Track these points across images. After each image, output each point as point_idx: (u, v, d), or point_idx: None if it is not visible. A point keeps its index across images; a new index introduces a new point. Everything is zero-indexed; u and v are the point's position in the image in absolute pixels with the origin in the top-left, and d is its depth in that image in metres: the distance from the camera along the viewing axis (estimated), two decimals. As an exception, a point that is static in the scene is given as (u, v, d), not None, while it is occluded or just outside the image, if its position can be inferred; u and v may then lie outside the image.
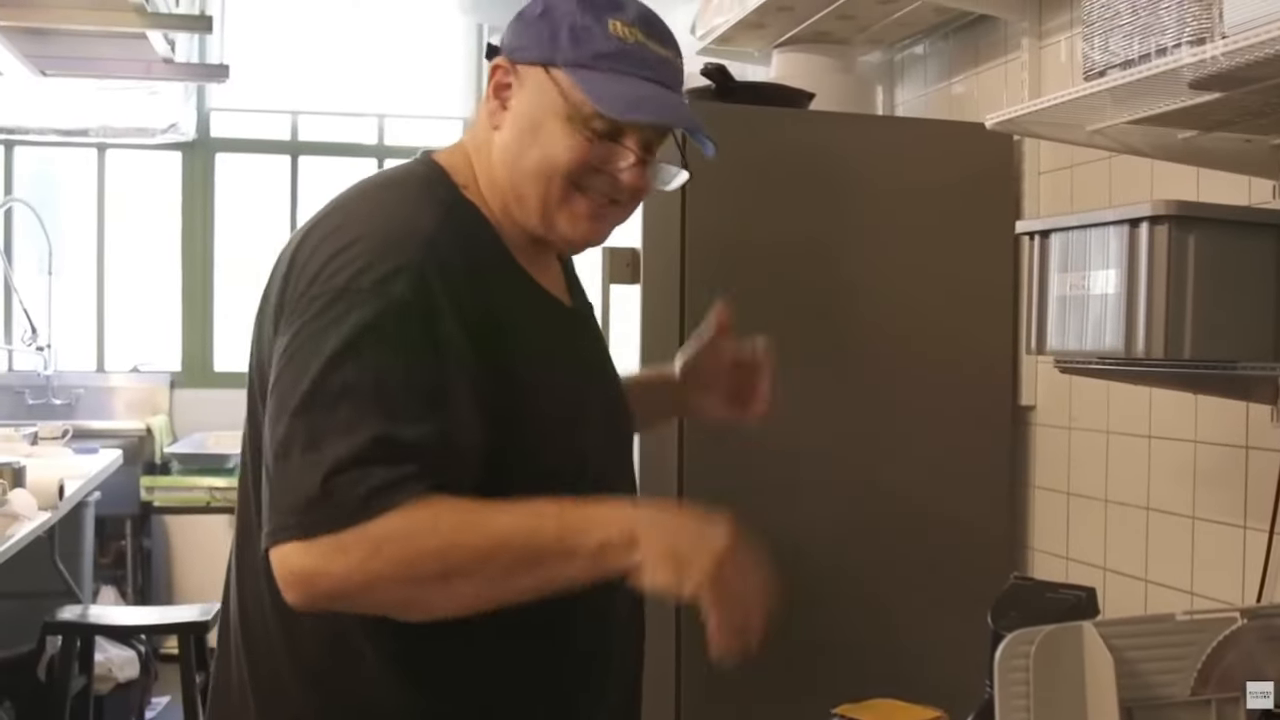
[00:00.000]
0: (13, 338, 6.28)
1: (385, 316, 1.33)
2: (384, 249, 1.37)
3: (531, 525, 1.29)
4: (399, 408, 1.31)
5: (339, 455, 1.27)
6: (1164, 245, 1.56)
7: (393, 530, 1.26)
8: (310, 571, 1.27)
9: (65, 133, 6.34)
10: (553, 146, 1.45)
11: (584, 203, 1.48)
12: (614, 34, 1.45)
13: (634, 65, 1.45)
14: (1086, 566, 2.43)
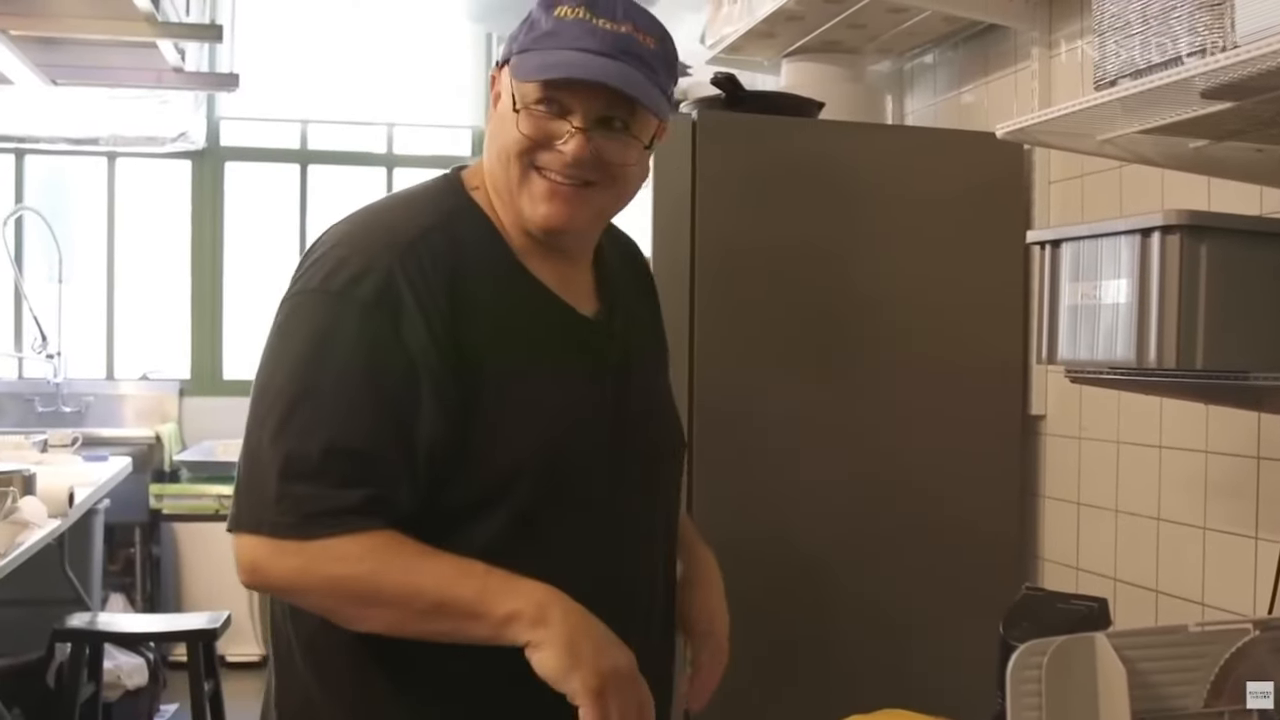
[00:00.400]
0: (23, 345, 6.30)
1: (348, 317, 1.42)
2: (359, 253, 1.46)
3: (452, 580, 1.39)
4: (356, 413, 1.40)
5: (293, 457, 1.39)
6: (1176, 255, 1.55)
7: (329, 551, 1.38)
8: (256, 564, 1.41)
9: (75, 141, 6.36)
10: (505, 133, 1.51)
11: (540, 183, 1.50)
12: (556, 16, 1.49)
13: (567, 40, 1.48)
14: (1097, 577, 2.42)
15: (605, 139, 1.50)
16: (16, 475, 3.47)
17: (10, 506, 3.22)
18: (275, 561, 1.40)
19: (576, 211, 1.52)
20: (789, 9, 2.75)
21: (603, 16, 1.48)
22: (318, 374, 1.41)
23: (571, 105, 1.48)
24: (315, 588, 1.41)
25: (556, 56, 1.47)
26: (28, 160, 6.47)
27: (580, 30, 1.47)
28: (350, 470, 1.39)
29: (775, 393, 2.40)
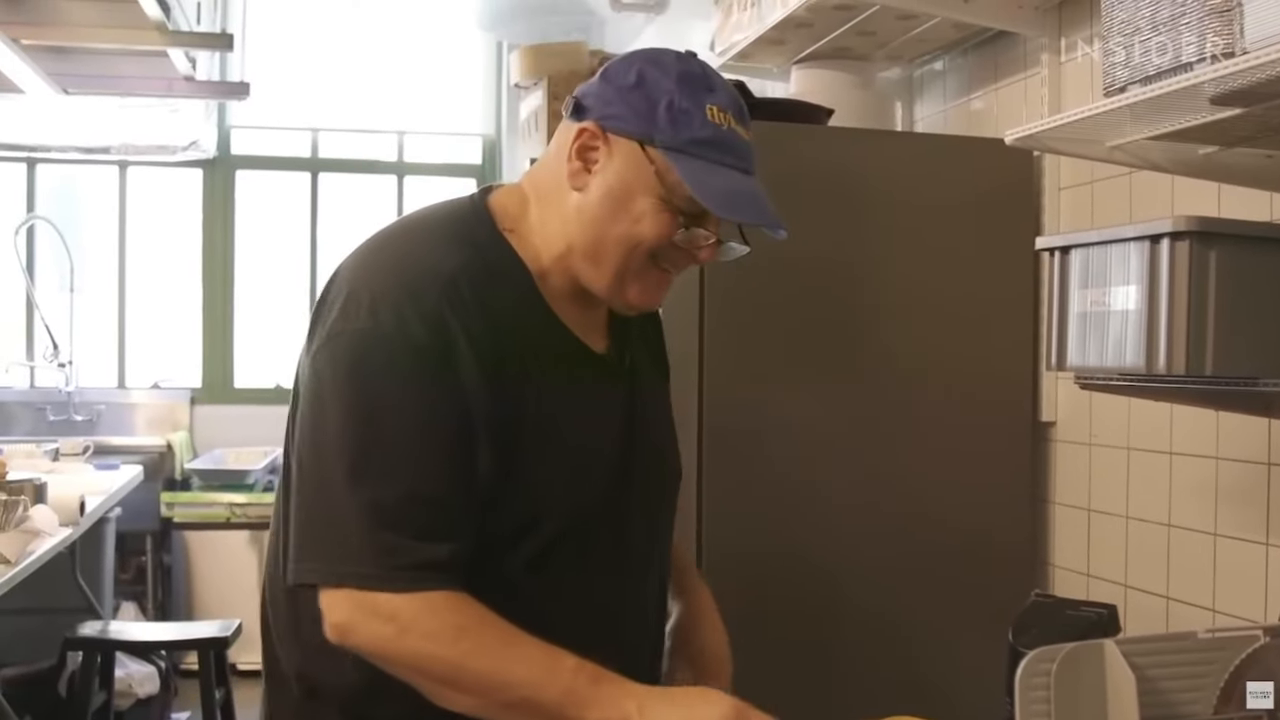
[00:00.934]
0: (34, 354, 6.31)
1: (404, 358, 1.40)
2: (402, 290, 1.43)
3: (540, 678, 1.37)
4: (429, 458, 1.39)
5: (375, 505, 1.37)
6: (1185, 261, 1.55)
7: (421, 624, 1.36)
8: (347, 627, 1.38)
9: (87, 150, 6.39)
10: (642, 222, 1.49)
11: (656, 275, 1.53)
12: (710, 120, 1.48)
13: (726, 154, 1.49)
14: (1107, 583, 2.41)
15: (725, 245, 1.57)
16: (28, 484, 3.48)
17: (21, 515, 3.24)
18: (366, 627, 1.38)
19: (665, 296, 1.58)
20: (798, 16, 2.75)
21: (742, 126, 1.52)
22: (383, 419, 1.39)
23: (711, 215, 1.51)
24: (404, 662, 1.39)
25: (731, 183, 1.49)
26: (39, 169, 6.50)
27: (734, 144, 1.50)
28: (431, 520, 1.38)
29: (785, 400, 2.40)
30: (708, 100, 1.48)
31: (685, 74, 1.49)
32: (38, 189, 6.49)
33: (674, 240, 1.50)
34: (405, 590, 1.36)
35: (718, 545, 2.33)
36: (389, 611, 1.36)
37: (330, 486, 1.39)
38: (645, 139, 1.48)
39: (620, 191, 1.49)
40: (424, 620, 1.36)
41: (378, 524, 1.36)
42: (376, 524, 1.36)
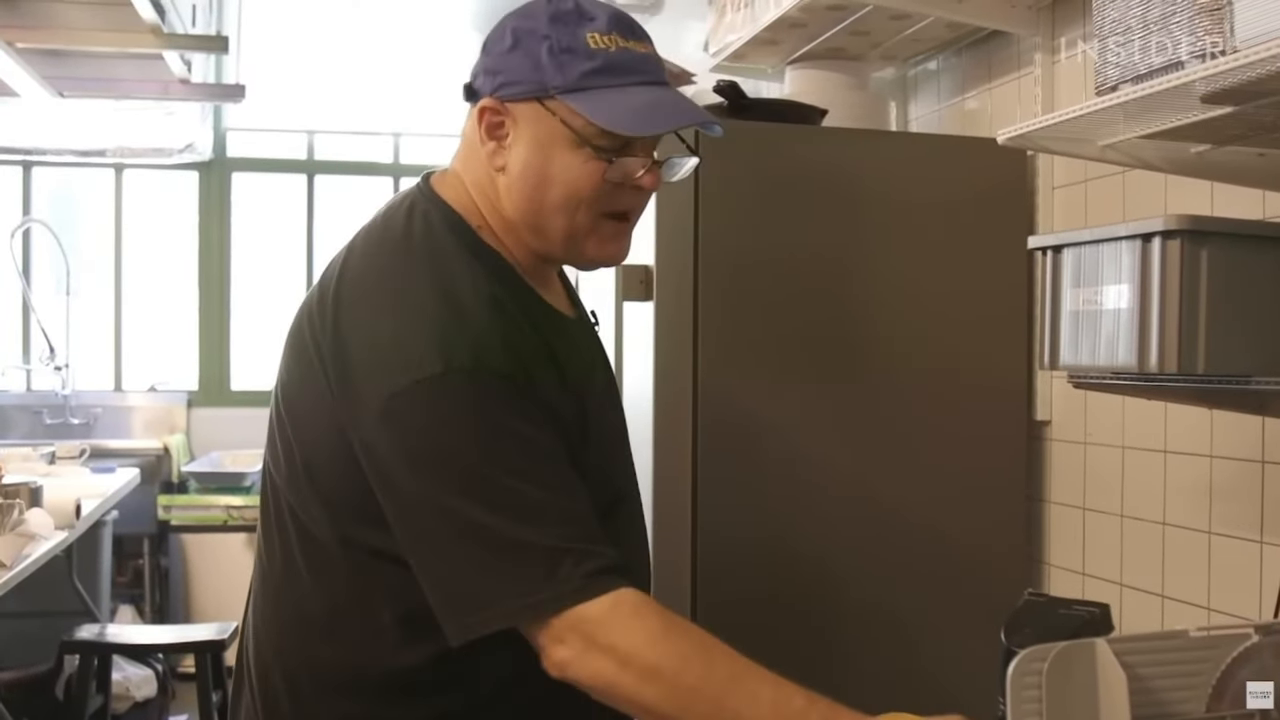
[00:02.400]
0: (31, 357, 6.31)
1: (496, 387, 1.35)
2: (461, 323, 1.38)
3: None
4: (556, 480, 1.35)
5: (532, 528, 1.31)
6: (1176, 260, 1.55)
7: (638, 658, 1.30)
8: (565, 660, 1.32)
9: (82, 153, 6.38)
10: (569, 176, 1.45)
11: (610, 225, 1.50)
12: (595, 47, 1.44)
13: (624, 74, 1.44)
14: (1102, 582, 2.42)
15: (669, 161, 1.54)
16: (23, 487, 3.48)
17: (17, 519, 3.23)
18: (585, 664, 1.31)
19: (628, 245, 1.55)
20: (792, 16, 2.75)
21: (633, 40, 1.46)
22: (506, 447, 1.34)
23: (637, 140, 1.47)
24: (629, 699, 1.33)
25: (639, 98, 1.43)
26: (35, 172, 6.49)
27: (629, 61, 1.45)
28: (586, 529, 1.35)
29: (779, 399, 2.40)
30: (586, 30, 1.44)
31: (556, 14, 1.46)
32: (34, 192, 6.49)
33: (608, 180, 1.45)
34: (599, 594, 1.30)
35: (712, 543, 2.33)
36: (605, 647, 1.30)
37: (474, 529, 1.32)
38: (540, 93, 1.45)
39: (538, 156, 1.46)
40: (642, 654, 1.30)
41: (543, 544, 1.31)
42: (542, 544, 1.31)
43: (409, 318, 1.39)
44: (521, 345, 1.40)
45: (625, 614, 1.31)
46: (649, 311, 2.33)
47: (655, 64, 1.48)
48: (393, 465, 1.35)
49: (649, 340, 2.32)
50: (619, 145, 1.45)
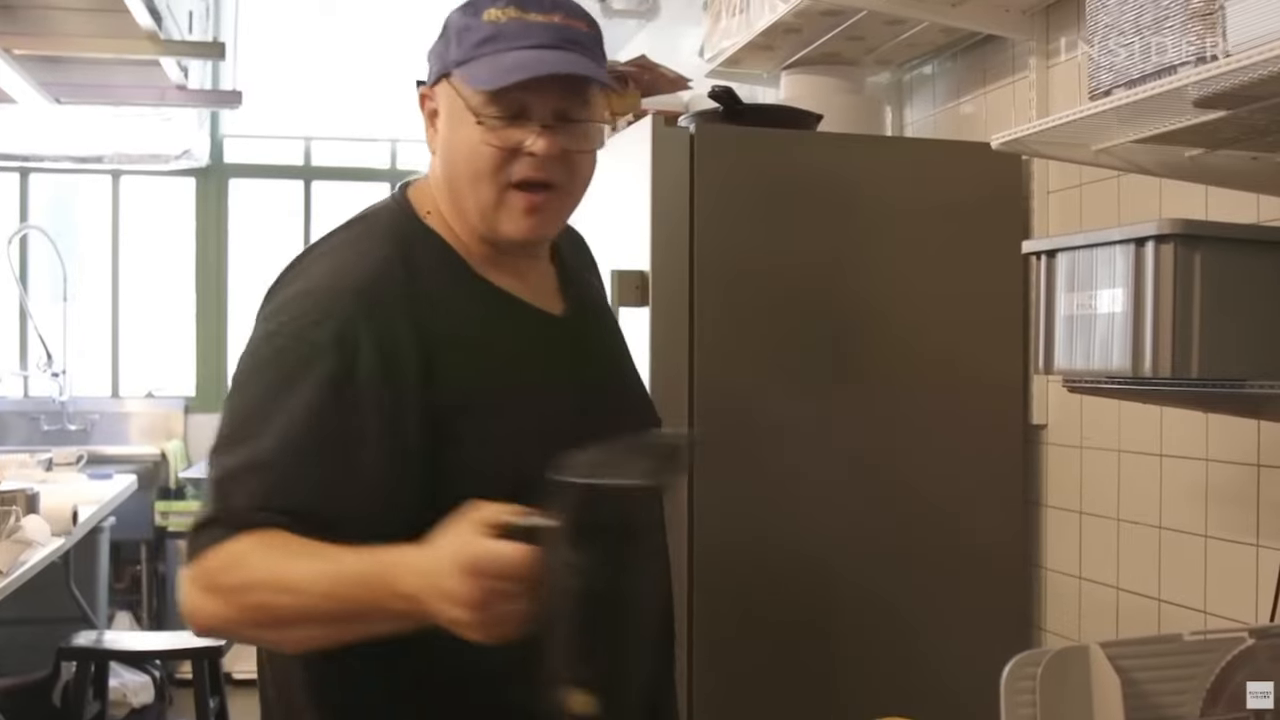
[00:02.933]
0: (28, 364, 6.31)
1: (302, 357, 1.41)
2: (318, 298, 1.45)
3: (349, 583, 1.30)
4: (297, 453, 1.37)
5: (219, 491, 1.40)
6: (1169, 264, 1.56)
7: (225, 568, 1.33)
8: (191, 614, 1.38)
9: (80, 160, 6.39)
10: (467, 148, 1.49)
11: (519, 198, 1.50)
12: (488, 20, 1.47)
13: (510, 40, 1.47)
14: (1099, 585, 2.42)
15: (568, 129, 1.49)
16: (20, 494, 3.48)
17: (13, 525, 3.23)
18: (201, 606, 1.36)
19: (551, 219, 1.53)
20: (787, 22, 2.76)
21: (534, 11, 1.48)
22: (266, 419, 1.40)
23: (530, 106, 1.47)
24: (239, 626, 1.37)
25: (508, 60, 1.45)
26: (32, 179, 6.49)
27: (519, 28, 1.47)
28: (267, 493, 1.37)
29: (776, 405, 2.40)
30: (487, 7, 1.48)
31: (469, 4, 1.51)
32: (31, 198, 6.49)
33: (494, 147, 1.47)
34: (208, 547, 1.34)
35: (709, 547, 2.33)
36: (211, 587, 1.34)
37: (216, 465, 1.43)
38: (445, 71, 1.51)
39: (447, 132, 1.52)
40: (225, 563, 1.33)
41: (218, 497, 1.38)
42: (216, 498, 1.39)
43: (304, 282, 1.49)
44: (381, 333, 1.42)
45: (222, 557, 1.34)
46: (645, 317, 2.33)
47: (553, 30, 1.48)
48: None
49: (645, 346, 2.32)
50: (510, 113, 1.47)
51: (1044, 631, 2.57)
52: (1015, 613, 2.56)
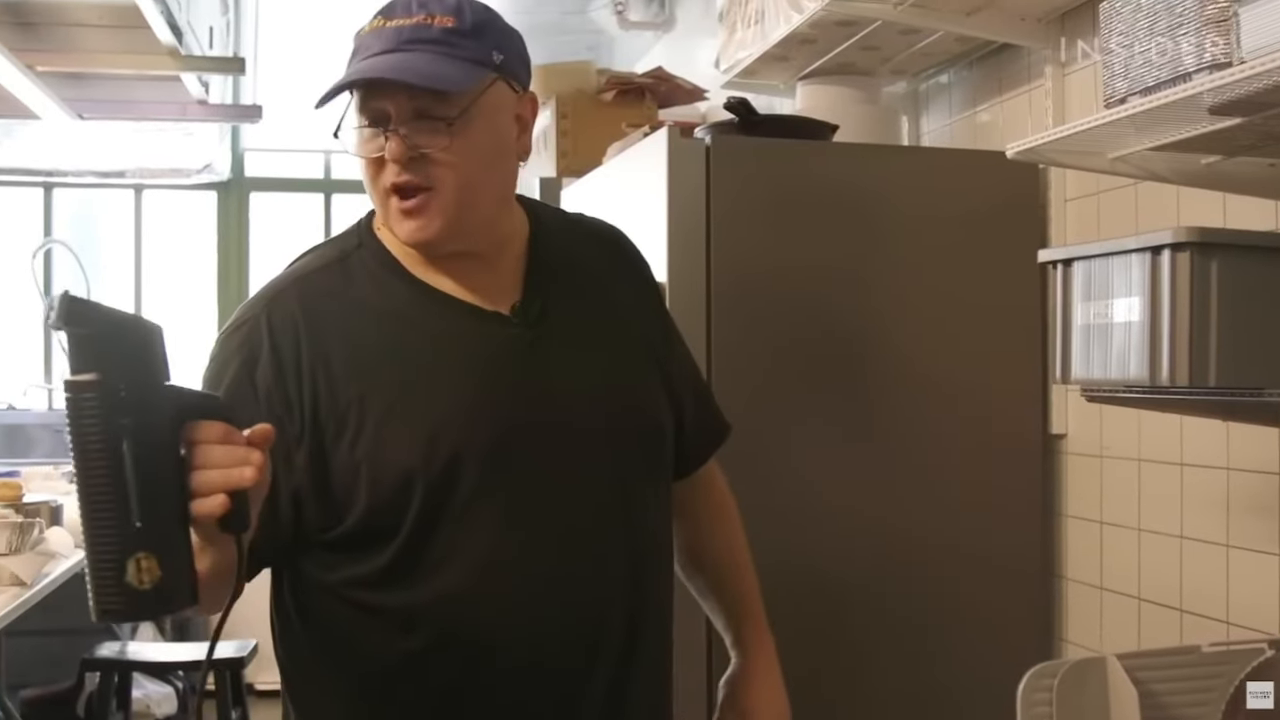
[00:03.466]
0: (52, 377, 6.35)
1: (217, 363, 1.51)
2: (242, 309, 1.56)
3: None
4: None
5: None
6: (1186, 272, 1.55)
7: None
8: None
9: (102, 174, 6.43)
10: (357, 163, 1.55)
11: (393, 206, 1.53)
12: (359, 34, 1.54)
13: (360, 53, 1.52)
14: (1120, 596, 2.40)
15: (418, 129, 1.49)
16: (44, 506, 3.51)
17: (37, 537, 3.25)
18: None
19: (431, 220, 1.52)
20: (802, 33, 2.75)
21: (396, 17, 1.51)
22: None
23: (386, 112, 1.49)
24: None
25: (343, 75, 1.50)
26: (56, 194, 6.54)
27: (371, 39, 1.51)
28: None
29: (792, 416, 2.39)
30: (370, 23, 1.54)
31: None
32: (55, 213, 6.54)
33: (361, 157, 1.52)
34: None
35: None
36: None
37: None
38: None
39: None
40: None
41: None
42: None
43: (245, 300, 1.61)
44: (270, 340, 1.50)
45: None
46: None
47: (396, 34, 1.50)
48: None
49: (662, 356, 2.31)
50: (372, 122, 1.51)
51: (1065, 642, 2.56)
52: (1036, 623, 2.54)
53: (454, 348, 1.54)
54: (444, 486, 1.47)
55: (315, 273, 1.57)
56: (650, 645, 1.64)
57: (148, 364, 1.24)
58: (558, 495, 1.55)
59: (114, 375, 1.18)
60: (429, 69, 1.47)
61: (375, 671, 1.52)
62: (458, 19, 1.51)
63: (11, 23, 5.38)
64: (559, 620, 1.53)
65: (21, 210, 6.48)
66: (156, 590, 1.16)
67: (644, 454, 1.66)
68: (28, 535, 3.24)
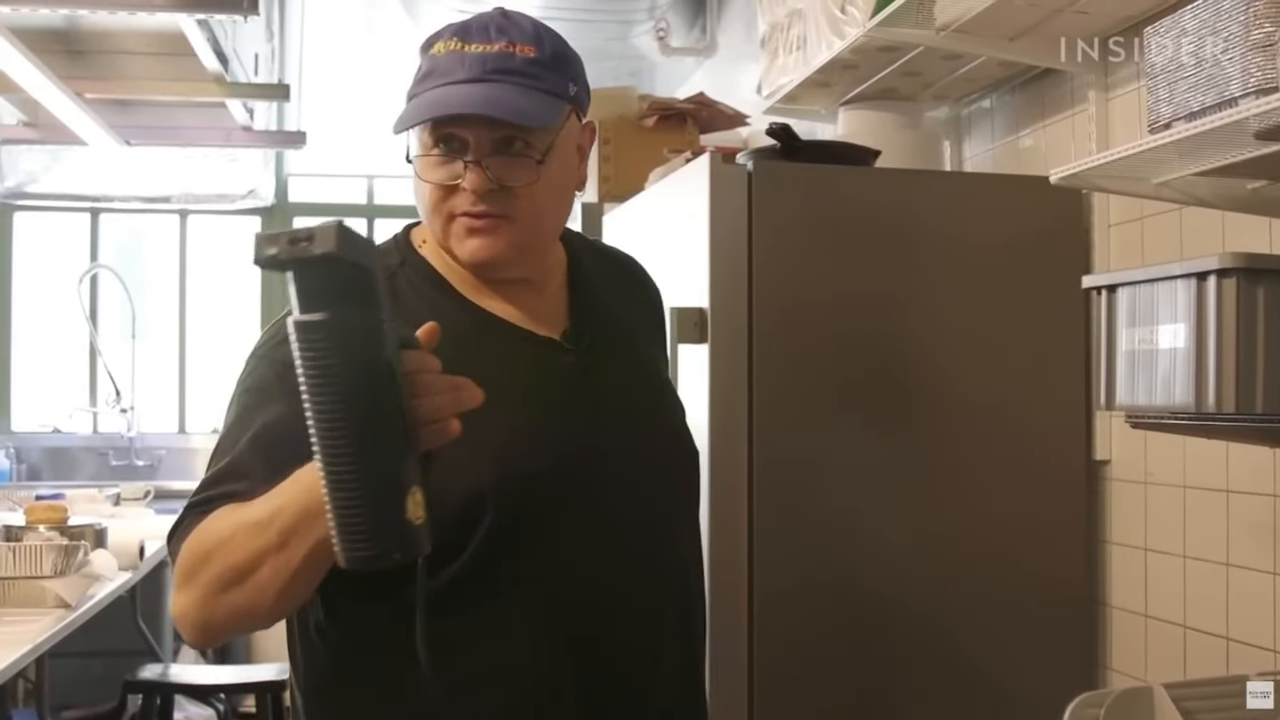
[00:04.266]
0: (97, 400, 6.41)
1: (268, 377, 1.47)
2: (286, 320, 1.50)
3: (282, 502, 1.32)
4: (257, 458, 1.42)
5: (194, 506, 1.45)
6: (1233, 298, 1.54)
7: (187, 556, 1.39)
8: (179, 618, 1.43)
9: (148, 200, 6.51)
10: (417, 185, 1.54)
11: (459, 224, 1.53)
12: (432, 54, 1.51)
13: (439, 77, 1.49)
14: (1165, 624, 2.38)
15: (505, 163, 1.50)
16: (89, 529, 3.54)
17: (82, 560, 3.28)
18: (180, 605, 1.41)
19: (496, 241, 1.53)
20: (844, 59, 2.76)
21: (475, 42, 1.49)
22: (229, 441, 1.47)
23: (465, 140, 1.49)
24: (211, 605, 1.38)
25: (428, 98, 1.48)
26: (103, 219, 6.62)
27: (451, 63, 1.49)
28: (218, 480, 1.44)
29: (835, 442, 2.39)
30: (433, 46, 1.51)
31: (429, 39, 1.54)
32: (101, 238, 6.62)
33: (442, 185, 1.51)
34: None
35: (768, 584, 2.32)
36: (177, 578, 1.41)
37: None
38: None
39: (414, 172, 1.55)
40: (186, 552, 1.39)
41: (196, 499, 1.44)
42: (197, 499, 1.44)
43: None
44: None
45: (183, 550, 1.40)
46: (704, 354, 2.33)
47: (479, 61, 1.48)
48: None
49: (704, 383, 2.32)
50: (444, 149, 1.50)
51: (1109, 670, 2.54)
52: (1080, 651, 2.52)
53: (513, 372, 1.53)
54: (514, 508, 1.45)
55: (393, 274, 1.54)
56: (693, 662, 1.66)
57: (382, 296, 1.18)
58: (614, 522, 1.55)
59: (379, 307, 1.16)
60: (518, 104, 1.47)
61: (415, 706, 1.47)
62: (538, 49, 1.51)
63: (61, 51, 5.47)
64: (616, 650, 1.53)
65: (69, 235, 6.57)
66: (425, 527, 1.15)
67: (684, 479, 1.69)
68: (72, 558, 3.27)
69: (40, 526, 3.48)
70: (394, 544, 1.13)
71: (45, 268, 6.51)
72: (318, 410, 1.11)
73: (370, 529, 1.12)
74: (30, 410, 6.45)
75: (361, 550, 1.12)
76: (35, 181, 6.40)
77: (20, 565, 3.14)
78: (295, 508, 1.28)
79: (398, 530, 1.12)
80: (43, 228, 6.58)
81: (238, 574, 1.34)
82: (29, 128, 6.17)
